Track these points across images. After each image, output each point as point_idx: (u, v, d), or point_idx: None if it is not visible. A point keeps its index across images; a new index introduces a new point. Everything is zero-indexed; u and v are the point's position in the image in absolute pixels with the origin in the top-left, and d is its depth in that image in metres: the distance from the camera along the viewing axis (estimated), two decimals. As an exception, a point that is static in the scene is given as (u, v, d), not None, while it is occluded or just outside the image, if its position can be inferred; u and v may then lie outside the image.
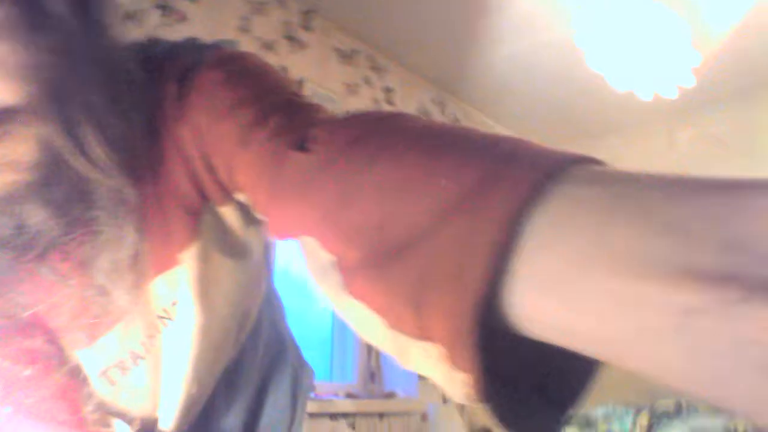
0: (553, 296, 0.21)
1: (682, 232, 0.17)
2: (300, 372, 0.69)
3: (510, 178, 0.23)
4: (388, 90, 2.41)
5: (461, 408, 2.38)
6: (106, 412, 0.52)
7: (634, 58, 1.51)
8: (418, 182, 0.27)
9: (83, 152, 0.41)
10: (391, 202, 0.28)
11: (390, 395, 2.23)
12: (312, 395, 1.93)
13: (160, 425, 0.55)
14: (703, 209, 0.17)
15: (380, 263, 0.28)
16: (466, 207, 0.24)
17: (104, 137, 0.42)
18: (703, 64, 1.52)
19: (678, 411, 1.90)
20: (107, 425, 0.52)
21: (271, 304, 0.65)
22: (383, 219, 0.28)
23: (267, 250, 0.58)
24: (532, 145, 0.26)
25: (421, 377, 2.27)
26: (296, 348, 0.70)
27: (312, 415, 1.89)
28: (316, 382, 2.07)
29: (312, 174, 0.35)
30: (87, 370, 0.50)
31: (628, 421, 1.96)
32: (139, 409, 0.53)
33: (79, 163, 0.41)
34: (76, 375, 0.50)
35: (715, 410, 1.87)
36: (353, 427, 2.04)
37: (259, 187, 0.41)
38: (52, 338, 0.49)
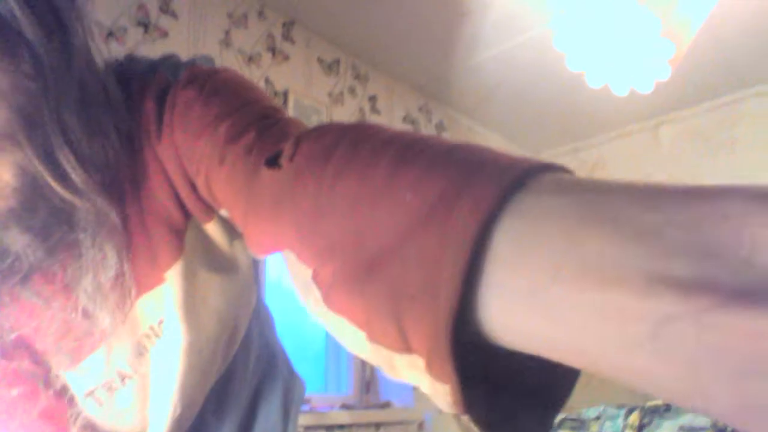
0: (526, 307, 0.21)
1: (655, 240, 0.17)
2: (291, 384, 0.68)
3: (474, 190, 0.23)
4: (373, 99, 2.42)
5: (458, 416, 2.37)
6: None
7: (609, 54, 1.52)
8: (383, 197, 0.27)
9: (61, 177, 0.41)
10: (360, 218, 0.28)
11: (386, 405, 2.22)
12: (307, 408, 1.92)
13: None
14: (676, 216, 0.17)
15: (354, 278, 0.27)
16: (431, 222, 0.24)
17: (82, 160, 0.42)
18: (683, 61, 1.54)
19: (668, 409, 1.91)
20: None
21: (260, 316, 0.64)
22: (354, 234, 0.28)
23: (255, 263, 0.58)
24: (496, 154, 0.26)
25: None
26: (287, 360, 0.70)
27: (308, 428, 1.88)
28: (312, 395, 2.06)
29: (283, 191, 0.34)
30: (74, 390, 0.50)
31: (620, 422, 1.97)
32: (127, 428, 0.53)
33: (57, 188, 0.41)
34: (64, 395, 0.50)
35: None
36: (350, 438, 2.03)
37: (235, 204, 0.41)
38: (38, 359, 0.49)
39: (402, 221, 0.25)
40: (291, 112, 2.04)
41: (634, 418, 1.92)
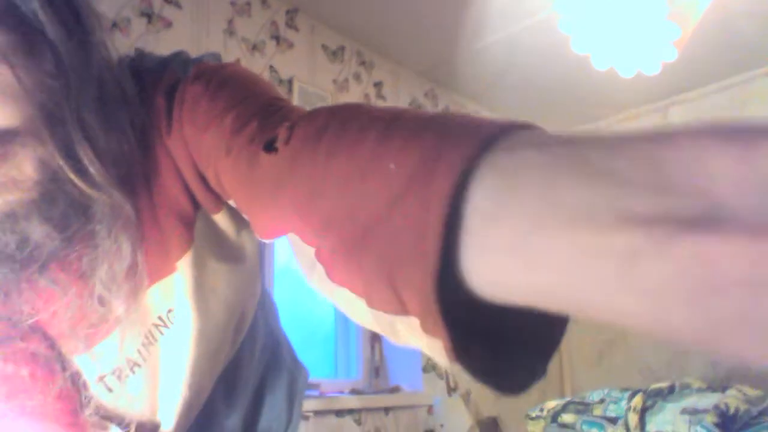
0: (508, 258, 0.21)
1: (621, 181, 0.18)
2: (296, 373, 0.70)
3: (450, 152, 0.24)
4: (378, 85, 2.41)
5: (467, 399, 2.39)
6: (104, 417, 0.53)
7: (614, 37, 1.51)
8: (371, 170, 0.28)
9: (80, 171, 0.43)
10: (351, 193, 0.29)
11: (395, 389, 2.24)
12: (317, 393, 1.94)
13: (162, 429, 0.56)
14: (639, 158, 0.18)
15: (351, 250, 0.29)
16: (413, 186, 0.25)
17: (100, 155, 0.43)
18: (691, 41, 1.52)
19: (671, 392, 1.92)
20: (105, 429, 0.53)
21: (265, 306, 0.66)
22: (347, 209, 0.29)
23: (261, 251, 0.59)
24: (473, 118, 0.27)
25: (425, 370, 2.26)
26: (291, 349, 0.71)
27: (317, 413, 1.91)
28: (321, 380, 2.08)
29: (282, 174, 0.36)
30: (85, 375, 0.52)
31: (623, 404, 1.98)
32: (137, 414, 0.54)
33: (77, 181, 0.43)
34: (77, 380, 0.51)
35: (707, 390, 1.89)
36: (359, 423, 2.06)
37: (239, 192, 0.42)
38: (52, 344, 0.50)
39: (388, 191, 0.27)
40: (296, 100, 2.04)
41: (638, 400, 1.93)
